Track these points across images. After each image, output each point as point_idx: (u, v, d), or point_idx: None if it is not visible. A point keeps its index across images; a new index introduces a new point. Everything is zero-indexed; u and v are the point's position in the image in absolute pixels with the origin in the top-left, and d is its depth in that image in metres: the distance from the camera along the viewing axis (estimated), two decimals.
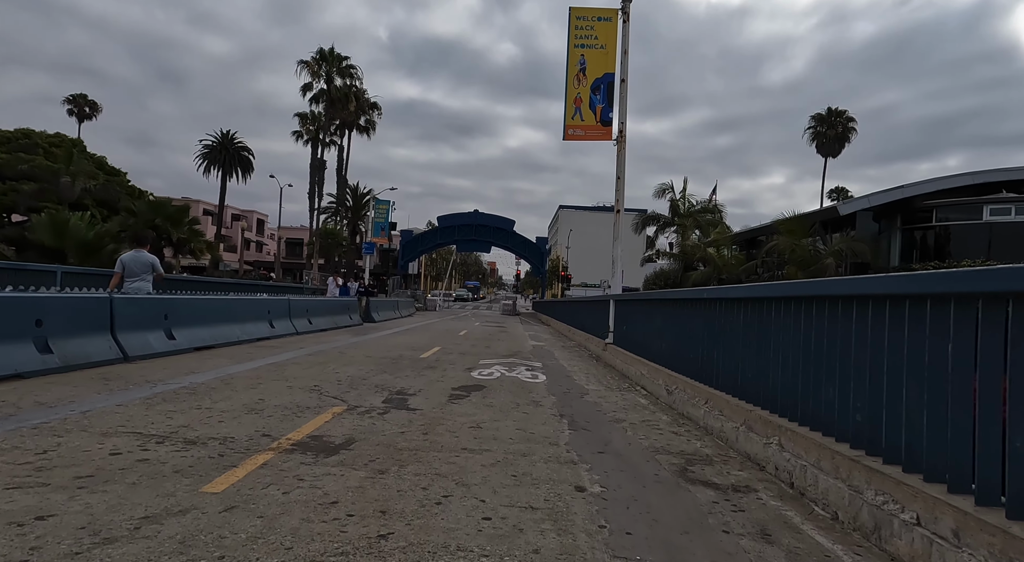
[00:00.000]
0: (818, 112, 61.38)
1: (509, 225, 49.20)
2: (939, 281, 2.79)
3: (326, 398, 6.04)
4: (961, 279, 2.63)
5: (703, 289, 6.23)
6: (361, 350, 11.29)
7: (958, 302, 2.61)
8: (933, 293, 2.78)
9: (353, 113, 47.37)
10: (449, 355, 11.31)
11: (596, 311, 14.27)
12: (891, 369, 3.06)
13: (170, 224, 22.54)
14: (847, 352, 3.52)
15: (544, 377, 8.83)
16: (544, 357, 12.05)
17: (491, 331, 20.70)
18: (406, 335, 16.35)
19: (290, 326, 13.83)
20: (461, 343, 14.46)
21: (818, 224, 22.36)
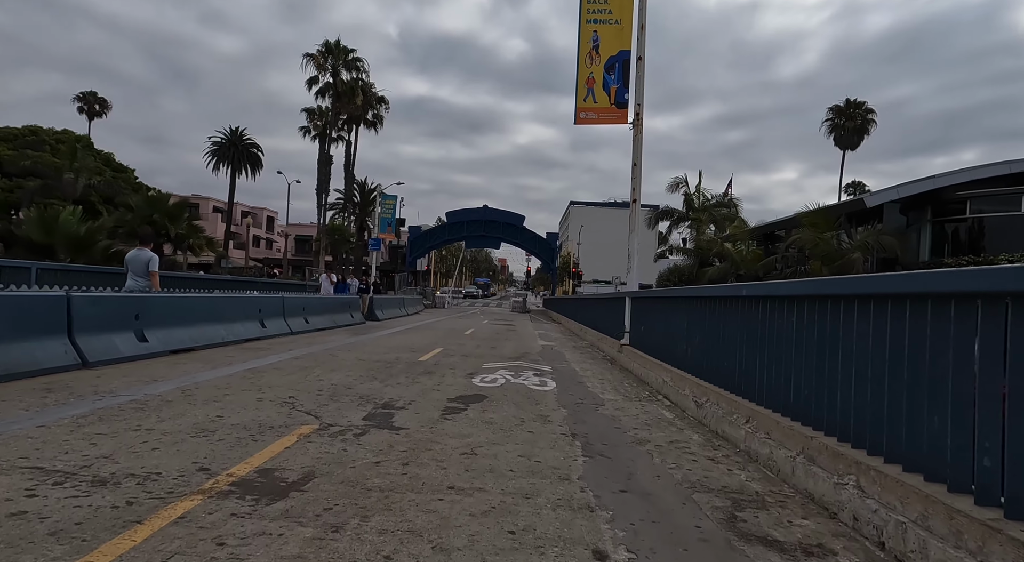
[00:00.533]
0: (836, 104, 59.84)
1: (519, 221, 48.26)
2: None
3: (297, 414, 5.16)
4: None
5: (741, 285, 5.28)
6: (355, 352, 10.42)
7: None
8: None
9: (360, 107, 46.61)
10: (450, 358, 10.41)
11: (610, 309, 13.32)
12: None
13: (168, 220, 21.83)
14: (963, 370, 2.57)
15: (554, 384, 7.91)
16: (554, 359, 11.13)
17: (499, 330, 19.79)
18: (407, 335, 15.48)
19: (284, 326, 13.00)
20: (465, 343, 13.57)
21: (843, 217, 21.23)
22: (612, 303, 13.23)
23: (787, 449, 3.97)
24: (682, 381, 6.70)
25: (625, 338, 10.78)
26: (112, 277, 14.89)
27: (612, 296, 13.58)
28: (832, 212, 21.54)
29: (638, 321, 10.15)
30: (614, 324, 12.24)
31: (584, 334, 17.42)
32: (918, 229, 22.29)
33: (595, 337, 15.04)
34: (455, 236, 49.07)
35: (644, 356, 8.98)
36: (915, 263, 21.13)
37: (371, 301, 21.54)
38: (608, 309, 13.74)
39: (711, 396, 5.68)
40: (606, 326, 13.61)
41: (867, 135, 59.42)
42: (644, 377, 8.62)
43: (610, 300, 13.87)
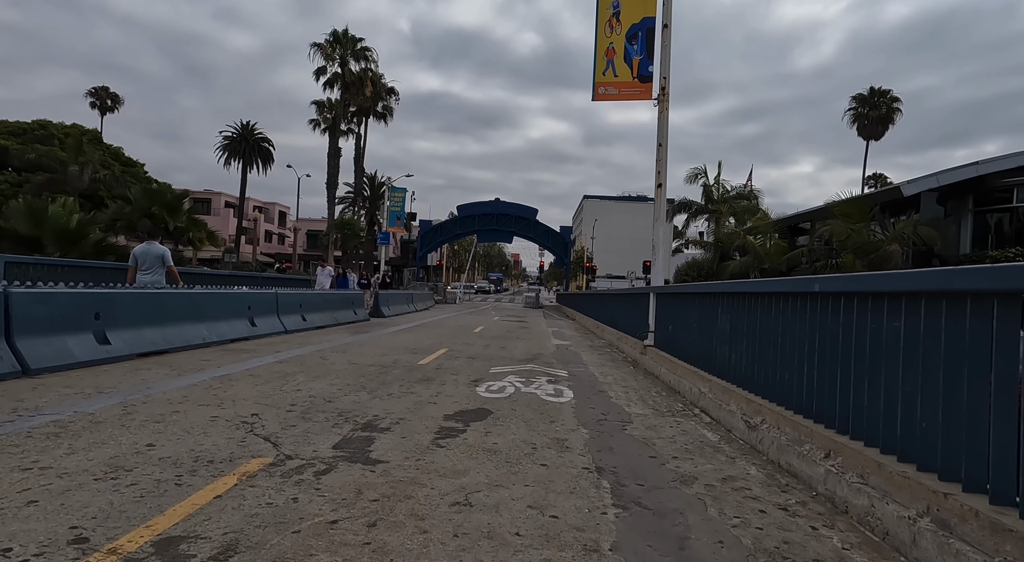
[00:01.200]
0: (859, 92, 57.97)
1: (531, 214, 47.09)
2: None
3: (252, 441, 4.13)
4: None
5: (812, 279, 4.17)
6: (349, 354, 9.41)
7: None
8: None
9: (369, 98, 45.64)
10: (455, 360, 9.37)
11: (631, 306, 12.20)
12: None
13: (166, 212, 20.99)
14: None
15: (571, 394, 6.83)
16: (570, 362, 10.04)
17: (510, 327, 18.74)
18: (412, 333, 14.46)
19: (277, 324, 12.04)
20: (473, 343, 12.53)
21: (877, 207, 19.87)
22: (633, 299, 12.12)
23: (900, 506, 2.86)
24: (726, 394, 5.59)
25: (649, 338, 9.68)
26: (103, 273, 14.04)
27: (633, 292, 12.40)
28: (867, 202, 20.19)
29: (665, 320, 9.03)
30: (636, 322, 11.13)
31: (601, 332, 16.31)
32: (958, 219, 20.87)
33: (613, 336, 13.92)
34: (466, 230, 48.01)
35: (673, 360, 7.87)
36: (955, 256, 19.75)
37: (376, 297, 20.58)
38: (628, 306, 12.63)
39: (768, 416, 4.58)
40: (626, 324, 12.50)
41: (892, 124, 57.48)
42: (675, 385, 7.51)
43: (631, 296, 12.75)
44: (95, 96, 79.04)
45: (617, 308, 14.50)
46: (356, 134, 49.22)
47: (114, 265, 16.47)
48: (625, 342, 12.09)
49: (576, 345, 13.52)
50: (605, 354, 11.85)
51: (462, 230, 48.03)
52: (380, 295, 20.78)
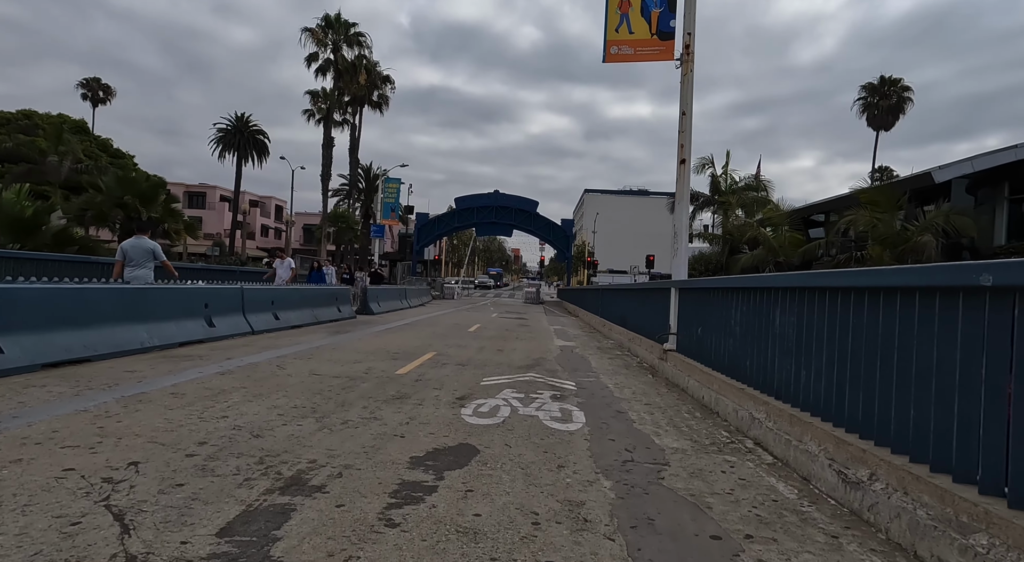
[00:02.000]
0: (869, 81, 56.31)
1: (532, 206, 45.56)
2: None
3: (94, 521, 2.63)
4: None
5: (978, 265, 2.68)
6: (315, 361, 7.93)
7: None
8: None
9: (364, 87, 44.05)
10: (441, 368, 7.88)
11: (646, 303, 10.71)
12: None
13: (140, 202, 19.46)
14: None
15: (582, 417, 5.34)
16: (577, 369, 8.56)
17: (509, 325, 17.25)
18: (399, 333, 12.97)
19: (242, 323, 10.55)
20: (467, 345, 11.05)
21: (906, 194, 18.35)
22: (648, 296, 10.62)
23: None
24: (796, 425, 4.10)
25: (670, 342, 8.19)
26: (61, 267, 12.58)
27: (648, 287, 10.85)
28: (896, 189, 18.64)
29: (692, 320, 7.53)
30: (652, 322, 9.65)
31: (609, 332, 14.82)
32: (991, 208, 19.33)
33: (624, 336, 12.43)
34: (465, 223, 46.47)
35: (707, 371, 6.38)
36: (988, 248, 18.25)
37: (364, 293, 19.09)
38: (642, 303, 11.13)
39: (881, 471, 3.09)
40: (640, 324, 11.01)
41: (903, 114, 55.83)
42: (710, 403, 6.02)
43: (645, 292, 11.25)
44: (86, 87, 77.44)
45: (627, 305, 13.01)
46: (351, 124, 47.70)
47: (75, 258, 15.01)
48: (638, 344, 10.61)
49: (582, 347, 12.03)
50: (616, 358, 10.36)
51: (460, 223, 46.51)
52: (369, 291, 19.28)
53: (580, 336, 14.74)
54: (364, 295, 19.04)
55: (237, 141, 56.22)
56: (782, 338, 4.64)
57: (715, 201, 38.35)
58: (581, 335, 15.12)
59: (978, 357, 2.57)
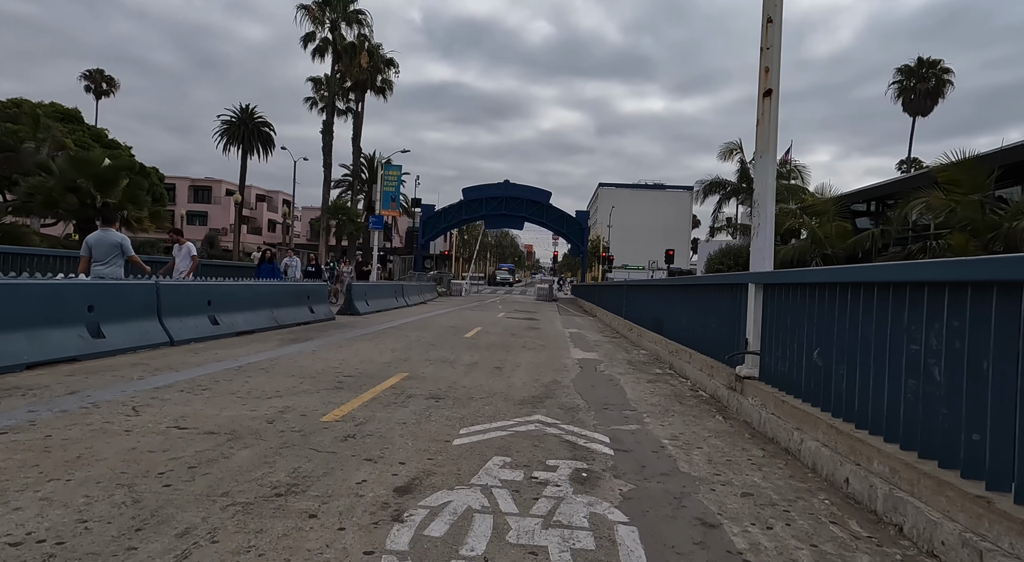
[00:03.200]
0: (905, 63, 52.72)
1: (545, 197, 42.72)
2: None
3: None
4: None
5: None
6: (208, 395, 5.19)
7: None
8: None
9: (366, 70, 41.42)
10: (399, 408, 5.14)
11: (698, 304, 7.87)
12: None
13: (95, 185, 16.95)
14: None
15: (639, 549, 2.57)
16: (608, 404, 5.78)
17: (516, 328, 14.50)
18: (373, 341, 10.25)
19: (154, 331, 7.90)
20: (456, 358, 8.33)
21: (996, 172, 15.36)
22: (702, 294, 7.77)
23: None
24: None
25: (748, 364, 5.41)
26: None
27: (702, 281, 7.76)
28: (984, 164, 15.58)
29: (791, 334, 4.71)
30: (709, 331, 6.85)
31: (638, 338, 11.98)
32: None
33: (660, 346, 9.62)
34: (473, 215, 43.74)
35: (844, 430, 3.57)
36: None
37: (349, 290, 16.43)
38: (692, 303, 8.28)
39: None
40: (688, 332, 8.18)
41: (942, 98, 52.16)
42: (869, 495, 3.20)
43: (696, 288, 8.36)
44: (90, 79, 75.85)
45: (664, 306, 10.18)
46: (354, 113, 45.14)
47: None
48: (686, 360, 7.80)
49: (608, 360, 9.24)
50: (659, 382, 7.55)
51: (468, 215, 43.77)
52: (354, 288, 16.61)
53: (602, 344, 11.95)
54: (349, 293, 16.39)
55: (242, 133, 54.11)
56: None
57: (743, 189, 35.32)
58: (603, 342, 12.33)
59: None
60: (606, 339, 13.04)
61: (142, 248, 16.92)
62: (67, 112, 48.86)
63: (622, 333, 14.19)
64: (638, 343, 11.72)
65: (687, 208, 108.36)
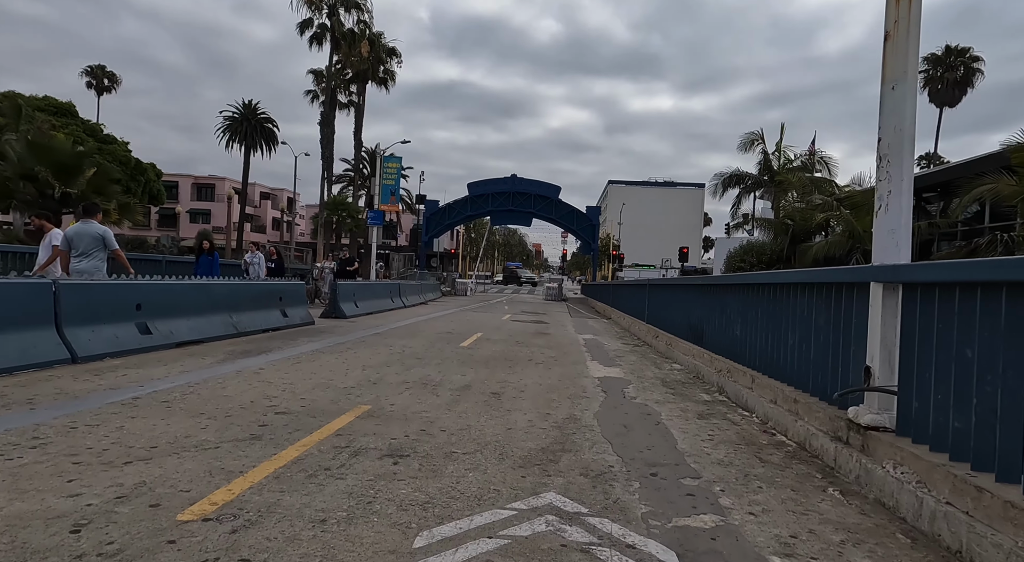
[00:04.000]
0: (932, 52, 50.22)
1: (554, 192, 40.76)
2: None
3: None
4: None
5: None
6: (26, 461, 3.33)
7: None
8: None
9: (367, 60, 39.64)
10: (328, 483, 3.22)
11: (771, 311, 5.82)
12: None
13: (54, 174, 15.21)
14: None
15: None
16: (655, 460, 3.85)
17: (522, 334, 12.58)
18: (344, 355, 8.33)
19: (48, 346, 6.06)
20: (440, 379, 6.42)
21: None
22: (782, 295, 5.74)
23: None
24: None
25: (873, 405, 3.48)
26: None
27: (788, 280, 5.41)
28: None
29: (961, 364, 2.77)
30: (796, 350, 4.90)
31: (668, 348, 10.00)
32: None
33: (706, 363, 7.65)
34: (479, 211, 41.83)
35: None
36: None
37: (334, 291, 14.57)
38: (760, 309, 6.25)
39: None
40: (756, 349, 6.17)
41: (971, 88, 49.72)
42: None
43: (770, 288, 6.26)
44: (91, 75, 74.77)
45: (707, 310, 8.19)
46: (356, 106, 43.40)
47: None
48: (746, 383, 5.84)
49: (638, 380, 7.29)
50: (713, 415, 5.57)
51: (474, 211, 41.86)
52: (341, 288, 14.75)
53: (625, 355, 10.00)
54: (334, 293, 14.52)
55: (244, 129, 52.72)
56: None
57: (765, 182, 33.24)
58: (626, 352, 10.39)
59: None
60: (628, 348, 11.09)
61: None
62: (60, 105, 47.42)
63: (646, 340, 12.23)
64: (668, 354, 9.76)
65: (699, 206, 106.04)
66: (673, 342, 9.68)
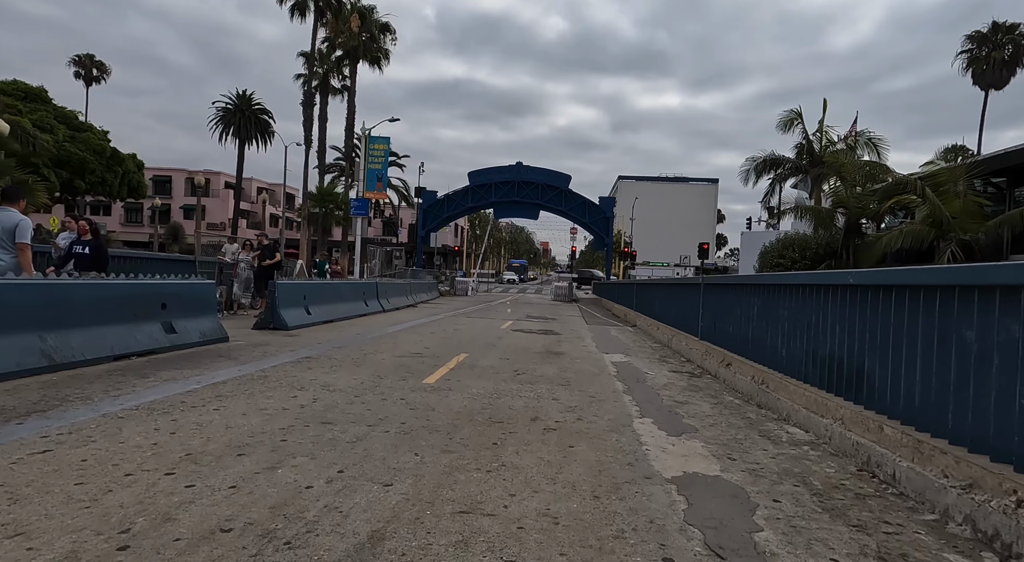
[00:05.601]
0: (977, 30, 46.04)
1: (563, 182, 36.87)
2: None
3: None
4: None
5: None
6: None
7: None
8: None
9: (358, 36, 35.95)
10: None
11: None
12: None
13: None
14: None
15: None
16: None
17: (524, 356, 8.77)
18: (179, 421, 4.51)
19: None
20: (311, 530, 2.66)
21: None
22: None
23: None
24: None
25: None
26: None
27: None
28: None
29: None
30: None
31: (758, 387, 6.09)
32: None
33: (900, 448, 3.80)
34: (480, 202, 37.97)
35: None
36: None
37: (274, 293, 10.81)
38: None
39: None
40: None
41: (1020, 68, 45.30)
42: None
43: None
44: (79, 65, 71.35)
45: (889, 338, 4.31)
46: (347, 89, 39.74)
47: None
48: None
49: (762, 486, 3.46)
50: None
51: (475, 202, 38.02)
52: (282, 289, 10.98)
53: (692, 400, 6.18)
54: (274, 297, 10.76)
55: (239, 121, 49.38)
56: None
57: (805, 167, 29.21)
58: (686, 391, 6.56)
59: None
60: (683, 380, 7.25)
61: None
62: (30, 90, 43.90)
63: (704, 366, 8.38)
64: (764, 401, 5.88)
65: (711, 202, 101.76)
66: (769, 379, 5.83)
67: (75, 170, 43.14)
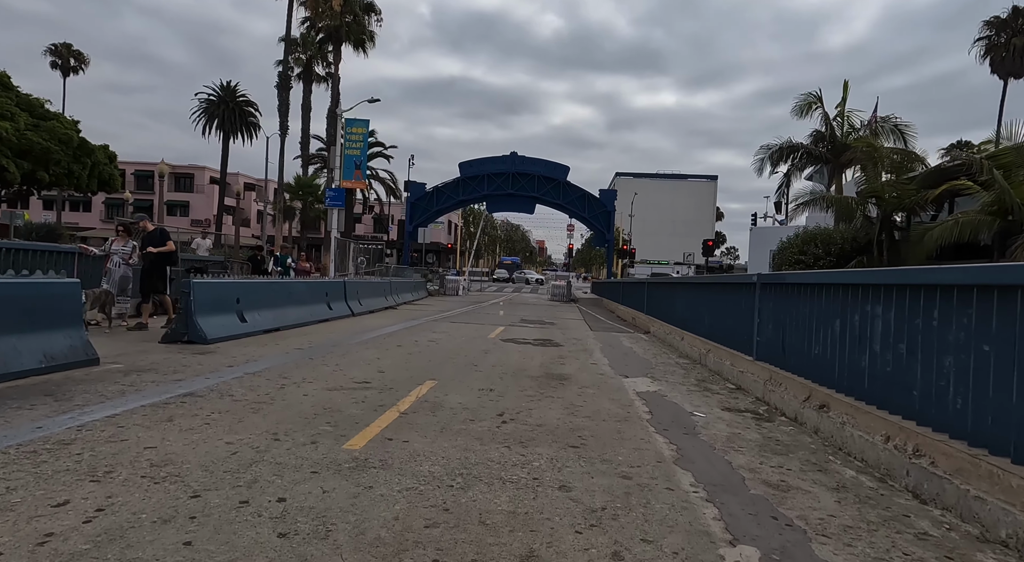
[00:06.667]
0: (996, 15, 43.72)
1: (561, 173, 34.36)
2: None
3: None
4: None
5: None
6: None
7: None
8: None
9: (339, 15, 33.37)
10: None
11: None
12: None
13: None
14: None
15: None
16: None
17: (514, 383, 6.29)
18: None
19: None
20: None
21: None
22: None
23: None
24: None
25: None
26: None
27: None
28: None
29: None
30: None
31: (908, 461, 3.64)
32: None
33: None
34: (472, 195, 35.40)
35: None
36: None
37: (190, 295, 8.28)
38: None
39: None
40: None
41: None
42: None
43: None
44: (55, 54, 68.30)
45: None
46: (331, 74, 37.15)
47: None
48: None
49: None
50: None
51: (467, 195, 35.45)
52: (199, 288, 8.45)
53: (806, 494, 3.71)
54: (191, 302, 8.22)
55: (223, 113, 46.86)
56: None
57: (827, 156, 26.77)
58: (778, 460, 4.10)
59: None
60: (763, 435, 4.79)
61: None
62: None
63: (779, 406, 5.91)
64: (945, 496, 3.42)
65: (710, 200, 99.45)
66: (934, 451, 3.35)
67: (38, 160, 40.30)
